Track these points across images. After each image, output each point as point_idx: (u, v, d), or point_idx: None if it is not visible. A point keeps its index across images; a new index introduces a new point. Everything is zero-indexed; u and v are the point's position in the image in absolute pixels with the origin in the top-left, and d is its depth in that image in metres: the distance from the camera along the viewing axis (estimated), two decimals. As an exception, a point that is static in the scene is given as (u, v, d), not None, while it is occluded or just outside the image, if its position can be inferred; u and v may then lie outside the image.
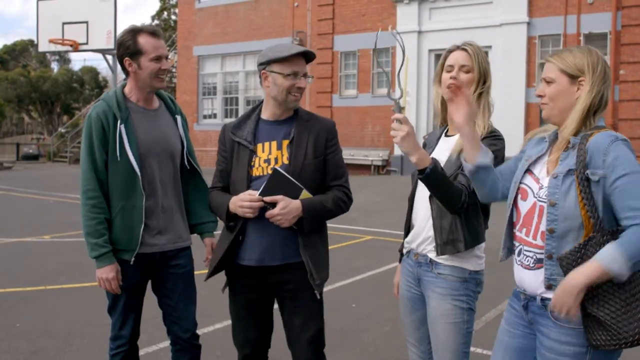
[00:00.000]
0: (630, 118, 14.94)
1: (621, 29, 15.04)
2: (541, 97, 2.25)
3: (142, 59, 3.01)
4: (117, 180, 2.99)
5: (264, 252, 2.79)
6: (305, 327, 2.85)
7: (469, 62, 2.70)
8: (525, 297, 2.28)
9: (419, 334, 2.79)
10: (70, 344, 4.77)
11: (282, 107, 2.84)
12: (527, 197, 2.25)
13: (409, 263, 2.79)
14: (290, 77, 2.76)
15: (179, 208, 3.20)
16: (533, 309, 2.25)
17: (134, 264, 3.02)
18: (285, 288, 2.85)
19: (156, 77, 3.04)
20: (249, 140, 2.84)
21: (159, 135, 3.11)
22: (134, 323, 3.15)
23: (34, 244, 9.02)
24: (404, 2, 17.95)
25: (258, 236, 2.79)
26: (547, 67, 2.23)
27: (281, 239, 2.78)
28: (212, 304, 5.37)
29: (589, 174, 2.06)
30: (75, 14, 17.66)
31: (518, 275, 2.30)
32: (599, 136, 2.10)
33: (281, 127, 2.86)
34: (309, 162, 2.80)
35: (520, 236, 2.28)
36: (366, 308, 5.70)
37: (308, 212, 2.72)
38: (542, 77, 2.25)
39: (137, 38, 3.01)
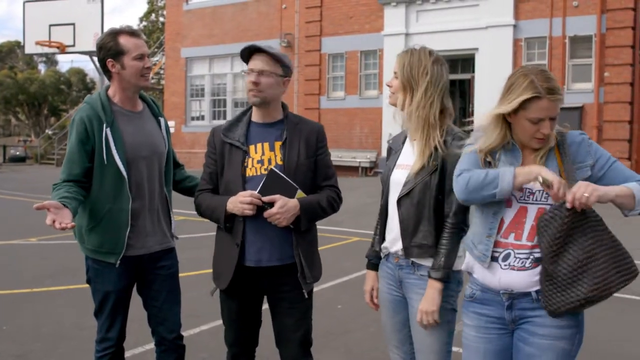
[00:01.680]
0: (614, 120, 15.09)
1: (606, 32, 15.18)
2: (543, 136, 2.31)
3: (125, 58, 3.04)
4: (105, 184, 3.01)
5: (262, 253, 2.83)
6: (296, 328, 2.90)
7: (396, 68, 2.78)
8: (510, 296, 2.36)
9: (400, 335, 2.84)
10: (57, 347, 4.79)
11: (254, 107, 2.93)
12: (512, 204, 2.35)
13: (388, 266, 2.83)
14: (246, 74, 2.90)
15: (164, 209, 3.24)
16: (522, 305, 2.34)
17: (123, 266, 3.05)
18: (280, 289, 2.90)
19: (141, 75, 3.07)
20: (241, 141, 2.88)
21: (145, 138, 3.14)
22: (121, 325, 3.18)
23: (20, 247, 9.00)
24: (392, 5, 18.03)
25: (255, 237, 2.83)
26: (556, 105, 2.27)
27: (278, 240, 2.83)
28: (199, 305, 5.40)
29: (578, 168, 2.31)
30: (62, 15, 17.59)
31: (503, 278, 2.35)
32: (572, 135, 2.36)
33: (272, 129, 2.92)
34: (302, 162, 2.86)
35: (506, 242, 2.36)
36: (352, 309, 5.75)
37: (305, 210, 2.79)
38: (551, 117, 2.28)
39: (117, 39, 3.04)
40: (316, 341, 4.84)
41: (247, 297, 2.95)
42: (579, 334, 2.34)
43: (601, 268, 2.19)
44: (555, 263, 2.21)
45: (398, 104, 2.77)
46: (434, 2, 17.44)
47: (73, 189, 2.91)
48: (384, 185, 2.85)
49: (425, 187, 2.61)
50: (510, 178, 2.26)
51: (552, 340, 2.30)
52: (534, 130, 2.28)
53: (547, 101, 2.23)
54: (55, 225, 2.63)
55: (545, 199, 2.29)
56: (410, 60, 2.73)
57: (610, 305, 6.01)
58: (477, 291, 2.45)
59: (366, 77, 18.99)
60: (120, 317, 3.16)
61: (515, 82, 2.28)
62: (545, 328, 2.29)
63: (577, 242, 2.21)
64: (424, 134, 2.66)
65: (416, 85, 2.69)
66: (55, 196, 2.82)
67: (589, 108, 15.41)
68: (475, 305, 2.46)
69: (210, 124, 22.76)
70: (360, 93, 18.97)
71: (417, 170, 2.63)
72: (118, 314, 3.14)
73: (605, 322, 5.48)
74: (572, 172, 2.29)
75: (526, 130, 2.29)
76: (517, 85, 2.27)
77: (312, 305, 3.00)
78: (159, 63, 26.70)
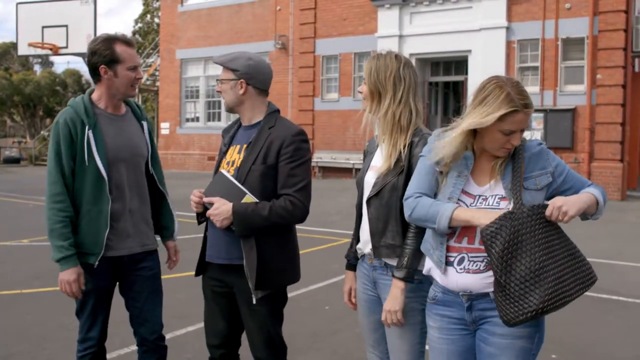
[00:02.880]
0: (607, 122, 15.15)
1: (598, 34, 15.25)
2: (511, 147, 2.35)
3: (119, 67, 3.07)
4: (85, 186, 3.03)
5: (214, 249, 2.95)
6: (258, 331, 2.91)
7: (364, 74, 2.83)
8: (469, 298, 2.39)
9: (376, 335, 2.86)
10: (43, 348, 4.80)
11: (237, 113, 3.03)
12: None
13: (364, 267, 2.86)
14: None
15: (146, 211, 3.26)
16: (481, 306, 2.37)
17: (103, 267, 3.07)
18: (237, 289, 2.92)
19: (131, 85, 3.13)
20: (226, 142, 3.03)
21: (127, 140, 3.16)
22: (102, 325, 3.19)
23: (12, 248, 9.00)
24: (385, 7, 18.08)
25: (213, 234, 2.95)
26: (528, 118, 2.33)
27: (227, 239, 2.87)
28: (185, 307, 5.42)
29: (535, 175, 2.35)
30: (55, 17, 17.57)
31: (461, 281, 2.38)
32: (530, 144, 2.42)
33: (250, 131, 2.96)
34: (256, 168, 2.83)
35: (459, 246, 2.39)
36: (339, 310, 5.77)
37: (237, 215, 2.75)
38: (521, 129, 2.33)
39: (113, 46, 3.06)
40: (302, 342, 4.90)
41: (216, 290, 3.04)
42: (538, 332, 2.36)
43: (554, 278, 2.19)
44: (506, 274, 2.20)
45: (368, 109, 2.79)
46: (427, 4, 17.50)
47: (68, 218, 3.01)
48: (358, 187, 2.89)
49: (393, 188, 2.64)
50: (446, 222, 2.31)
51: (511, 339, 2.32)
52: (504, 141, 2.30)
53: (522, 115, 2.26)
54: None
55: (497, 203, 2.32)
56: (377, 65, 2.76)
57: (595, 306, 6.07)
58: (438, 293, 2.48)
59: (360, 79, 18.98)
60: (101, 317, 3.17)
61: (491, 94, 2.27)
62: (504, 327, 2.30)
63: (528, 252, 2.20)
64: (392, 137, 2.70)
65: (383, 89, 2.73)
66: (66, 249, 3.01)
67: (581, 110, 15.47)
68: (438, 307, 2.48)
69: (204, 125, 22.78)
70: (354, 95, 18.99)
71: (384, 171, 2.67)
72: (99, 314, 3.16)
73: (591, 324, 5.51)
74: (517, 185, 2.31)
75: (497, 141, 2.31)
76: (493, 98, 2.26)
77: (277, 310, 2.97)
78: (153, 64, 26.70)
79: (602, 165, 15.15)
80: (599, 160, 15.23)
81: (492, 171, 2.39)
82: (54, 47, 18.02)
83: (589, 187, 2.38)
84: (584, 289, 2.25)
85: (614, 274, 7.78)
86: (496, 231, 2.21)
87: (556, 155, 2.44)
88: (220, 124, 22.08)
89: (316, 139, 19.66)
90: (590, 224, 11.78)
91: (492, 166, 2.39)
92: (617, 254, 8.96)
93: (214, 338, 3.07)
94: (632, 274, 7.85)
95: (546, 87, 15.87)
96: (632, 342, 5.17)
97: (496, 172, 2.38)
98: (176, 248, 3.44)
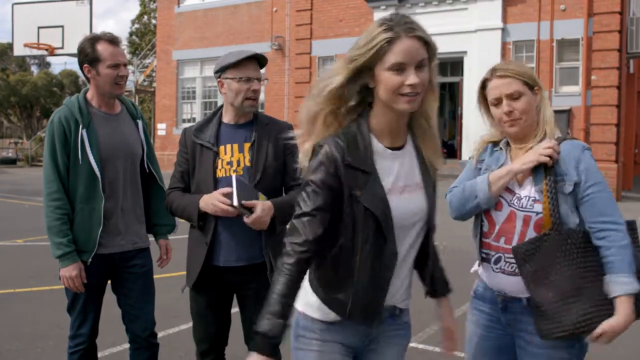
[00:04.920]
0: (601, 123, 15.19)
1: (593, 35, 15.29)
2: (510, 114, 2.27)
3: (100, 65, 3.09)
4: (78, 183, 3.07)
5: (231, 253, 2.88)
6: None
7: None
8: (504, 299, 2.35)
9: None
10: (35, 346, 4.81)
11: (239, 112, 2.94)
12: (502, 207, 2.31)
13: None
14: (243, 81, 2.84)
15: (138, 210, 3.29)
16: (514, 310, 2.32)
17: (94, 264, 3.10)
18: (248, 287, 2.94)
19: (114, 83, 3.13)
20: (212, 142, 2.91)
21: (120, 139, 3.19)
22: (93, 322, 3.22)
23: (6, 248, 9.01)
24: (381, 8, 18.11)
25: (226, 237, 2.87)
26: (508, 82, 2.25)
27: (249, 240, 2.86)
28: (178, 304, 5.43)
29: (559, 180, 2.20)
30: (51, 18, 17.58)
31: (496, 281, 2.34)
32: (567, 145, 2.25)
33: (242, 130, 2.95)
34: (269, 164, 2.89)
35: (497, 245, 2.31)
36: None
37: (279, 211, 2.79)
38: (506, 94, 2.26)
39: (95, 45, 3.10)
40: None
41: (215, 294, 2.99)
42: (578, 342, 2.25)
43: (591, 300, 2.14)
44: (539, 294, 2.16)
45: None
46: (423, 6, 17.54)
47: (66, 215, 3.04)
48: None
49: None
50: (485, 186, 2.25)
51: (547, 349, 2.24)
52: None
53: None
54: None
55: (531, 206, 2.24)
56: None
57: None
58: (480, 288, 2.45)
59: (356, 80, 19.00)
60: (92, 314, 3.20)
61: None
62: (534, 336, 2.25)
63: (562, 273, 2.16)
64: None
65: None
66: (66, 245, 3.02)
67: (576, 111, 15.51)
68: (478, 302, 2.46)
69: (201, 126, 22.77)
70: (350, 96, 18.98)
71: None
72: (90, 311, 3.18)
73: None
74: (553, 192, 2.20)
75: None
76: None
77: None
78: (150, 65, 26.69)
79: (597, 166, 15.13)
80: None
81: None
82: (49, 47, 18.03)
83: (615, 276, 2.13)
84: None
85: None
86: (531, 251, 2.17)
87: (593, 170, 2.23)
88: (217, 125, 22.03)
89: (312, 140, 19.62)
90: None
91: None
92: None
93: (205, 344, 3.05)
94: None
95: (541, 88, 15.87)
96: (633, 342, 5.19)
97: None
98: (168, 246, 3.45)
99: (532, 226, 2.23)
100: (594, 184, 2.18)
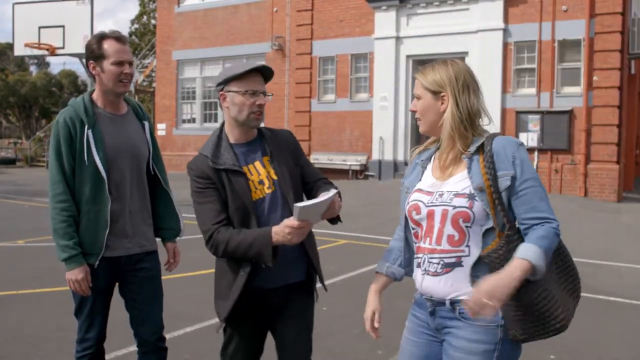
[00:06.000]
0: (603, 124, 15.17)
1: (594, 36, 15.28)
2: (414, 112, 2.37)
3: (105, 62, 3.06)
4: (84, 185, 3.03)
5: (277, 272, 2.71)
6: (301, 339, 2.83)
7: None
8: (432, 303, 2.30)
9: None
10: (38, 349, 4.77)
11: (244, 128, 2.76)
12: (420, 210, 2.30)
13: None
14: (248, 95, 2.68)
15: (145, 212, 3.24)
16: (442, 313, 2.28)
17: (101, 267, 3.06)
18: (299, 301, 2.83)
19: (119, 81, 3.09)
20: (237, 164, 2.68)
21: (126, 140, 3.15)
22: (101, 326, 3.17)
23: (7, 249, 8.97)
24: (382, 9, 18.08)
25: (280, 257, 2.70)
26: (415, 84, 2.34)
27: (293, 257, 2.76)
28: (183, 307, 5.40)
29: (499, 176, 2.17)
30: (52, 18, 17.49)
31: (424, 284, 2.30)
32: (501, 140, 2.22)
33: (254, 146, 2.81)
34: (292, 171, 2.81)
35: (424, 247, 2.30)
36: (337, 311, 5.76)
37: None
38: (413, 93, 2.36)
39: (102, 43, 3.07)
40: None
41: (256, 321, 2.83)
42: (496, 351, 2.18)
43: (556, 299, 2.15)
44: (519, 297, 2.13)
45: None
46: (424, 6, 17.51)
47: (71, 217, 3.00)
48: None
49: None
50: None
51: (464, 354, 2.20)
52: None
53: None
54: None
55: (450, 199, 2.21)
56: None
57: (593, 307, 6.06)
58: (417, 294, 2.41)
59: (357, 80, 19.02)
60: (100, 317, 3.15)
61: None
62: (459, 340, 2.22)
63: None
64: None
65: None
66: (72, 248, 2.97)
67: (577, 112, 15.49)
68: (415, 307, 2.42)
69: (201, 126, 22.75)
70: (351, 96, 19.00)
71: None
72: (97, 315, 3.14)
73: (588, 325, 5.50)
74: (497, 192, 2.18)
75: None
76: None
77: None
78: (150, 66, 26.64)
79: (599, 167, 15.18)
80: (595, 162, 15.25)
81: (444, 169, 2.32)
82: (50, 47, 17.94)
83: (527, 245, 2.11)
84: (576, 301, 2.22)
85: (611, 275, 7.79)
86: (504, 255, 2.14)
87: (528, 164, 2.21)
88: (217, 125, 21.98)
89: (313, 140, 19.65)
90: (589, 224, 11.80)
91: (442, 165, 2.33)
92: (614, 255, 8.96)
93: None
94: (629, 275, 7.85)
95: (543, 89, 15.89)
96: (628, 344, 5.18)
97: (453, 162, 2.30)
98: (176, 250, 3.40)
99: (449, 220, 2.21)
100: (528, 179, 2.16)
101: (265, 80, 2.80)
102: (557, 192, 15.56)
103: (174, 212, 3.35)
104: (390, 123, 18.05)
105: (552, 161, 15.73)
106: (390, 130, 18.09)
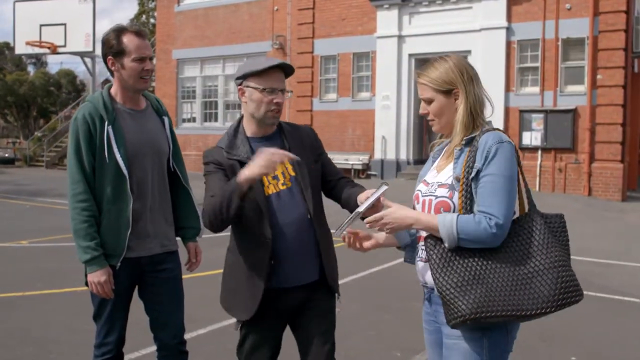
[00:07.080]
0: (607, 122, 15.10)
1: (598, 35, 15.20)
2: (426, 115, 2.39)
3: (125, 59, 2.95)
4: (105, 183, 2.92)
5: (295, 272, 2.70)
6: (324, 339, 2.78)
7: None
8: (427, 290, 2.38)
9: None
10: (49, 351, 4.67)
11: (262, 124, 2.73)
12: (419, 199, 2.38)
13: None
14: (266, 92, 2.64)
15: (167, 211, 3.14)
16: (434, 299, 2.34)
17: (122, 268, 2.96)
18: (318, 298, 2.80)
19: (139, 77, 2.99)
20: (252, 158, 2.61)
21: (147, 136, 3.05)
22: (120, 329, 3.08)
23: (11, 250, 8.86)
24: (384, 7, 17.99)
25: (292, 258, 2.68)
26: (421, 89, 2.36)
27: (310, 256, 2.73)
28: (196, 309, 5.30)
29: (472, 168, 2.22)
30: (53, 16, 17.40)
31: (417, 270, 2.40)
32: (487, 135, 2.24)
33: (272, 142, 2.75)
34: (311, 167, 2.78)
35: (420, 235, 2.39)
36: (350, 313, 5.67)
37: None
38: (421, 98, 2.37)
39: (121, 37, 2.96)
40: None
41: (277, 322, 2.80)
42: (485, 337, 2.21)
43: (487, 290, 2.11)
44: (439, 278, 2.16)
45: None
46: (426, 4, 17.43)
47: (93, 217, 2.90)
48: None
49: None
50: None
51: (455, 340, 2.25)
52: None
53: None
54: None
55: (435, 190, 2.29)
56: None
57: (608, 307, 6.00)
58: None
59: (359, 79, 18.93)
60: (120, 321, 3.05)
61: None
62: (448, 327, 2.24)
63: (465, 259, 2.16)
64: None
65: None
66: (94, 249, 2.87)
67: (581, 110, 15.42)
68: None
69: (201, 126, 22.67)
70: (353, 95, 18.92)
71: None
72: (117, 318, 3.04)
73: (607, 325, 5.43)
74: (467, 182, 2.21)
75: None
76: None
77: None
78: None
79: (603, 166, 15.11)
80: (599, 160, 15.18)
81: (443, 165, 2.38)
82: (52, 45, 17.84)
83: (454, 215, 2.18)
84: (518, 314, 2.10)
85: (624, 275, 7.72)
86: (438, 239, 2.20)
87: (497, 160, 2.18)
88: (217, 125, 21.95)
89: (314, 140, 19.53)
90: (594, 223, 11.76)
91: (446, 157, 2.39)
92: (624, 255, 8.90)
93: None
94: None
95: (546, 88, 15.81)
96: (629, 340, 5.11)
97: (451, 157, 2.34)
98: (197, 249, 3.28)
99: (433, 209, 2.28)
100: (490, 174, 2.17)
101: (286, 76, 2.75)
102: (561, 191, 15.49)
103: (194, 210, 3.24)
104: (393, 122, 17.97)
105: (556, 160, 15.67)
106: (392, 129, 18.00)
